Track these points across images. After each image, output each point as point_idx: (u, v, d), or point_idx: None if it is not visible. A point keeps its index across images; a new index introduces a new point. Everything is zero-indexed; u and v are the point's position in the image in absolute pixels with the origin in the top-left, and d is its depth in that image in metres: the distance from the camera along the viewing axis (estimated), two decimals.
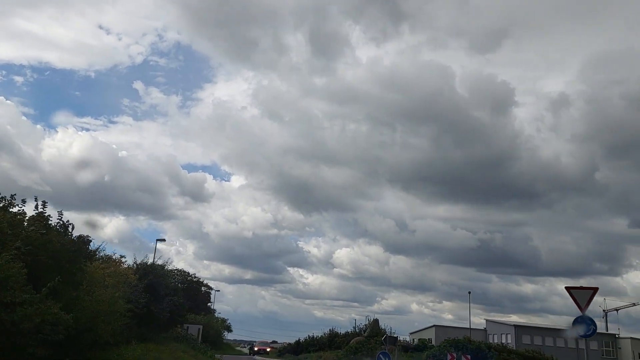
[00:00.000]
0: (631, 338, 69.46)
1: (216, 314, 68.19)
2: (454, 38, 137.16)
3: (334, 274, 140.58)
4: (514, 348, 40.35)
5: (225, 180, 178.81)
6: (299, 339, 48.80)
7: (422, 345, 38.28)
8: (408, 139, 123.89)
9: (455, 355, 31.30)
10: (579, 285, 13.61)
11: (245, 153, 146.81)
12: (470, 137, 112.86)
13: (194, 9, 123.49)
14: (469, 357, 30.51)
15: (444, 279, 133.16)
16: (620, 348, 70.21)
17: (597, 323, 14.30)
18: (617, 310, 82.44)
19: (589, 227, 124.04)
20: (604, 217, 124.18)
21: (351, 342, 37.09)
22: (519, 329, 69.65)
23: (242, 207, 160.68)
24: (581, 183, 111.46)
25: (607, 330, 76.56)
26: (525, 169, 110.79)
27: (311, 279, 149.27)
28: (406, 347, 37.75)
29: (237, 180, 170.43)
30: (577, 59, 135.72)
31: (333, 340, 41.14)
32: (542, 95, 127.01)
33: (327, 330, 43.80)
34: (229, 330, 75.37)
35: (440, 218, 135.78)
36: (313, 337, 44.27)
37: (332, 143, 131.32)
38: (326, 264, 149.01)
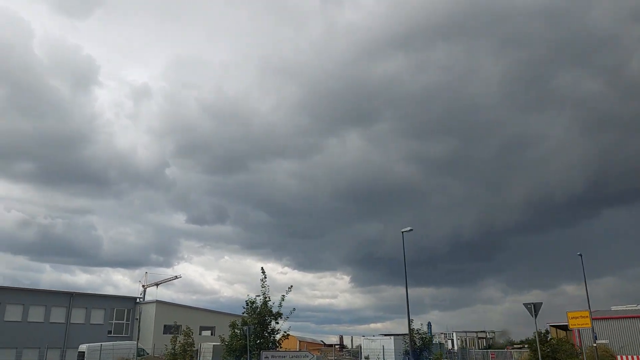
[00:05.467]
0: (157, 301, 45.63)
1: None
2: None
3: None
4: None
5: None
6: None
7: None
8: None
9: None
10: None
11: None
12: (43, 108, 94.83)
13: None
14: None
15: None
16: (137, 319, 45.19)
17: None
18: (157, 284, 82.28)
19: (152, 220, 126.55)
20: (167, 211, 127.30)
21: None
22: None
23: None
24: (152, 177, 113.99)
25: None
26: (100, 154, 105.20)
27: None
28: None
29: None
30: (163, 55, 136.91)
31: None
32: (126, 82, 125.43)
33: None
34: None
35: None
36: None
37: None
38: None
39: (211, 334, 49.72)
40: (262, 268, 24.82)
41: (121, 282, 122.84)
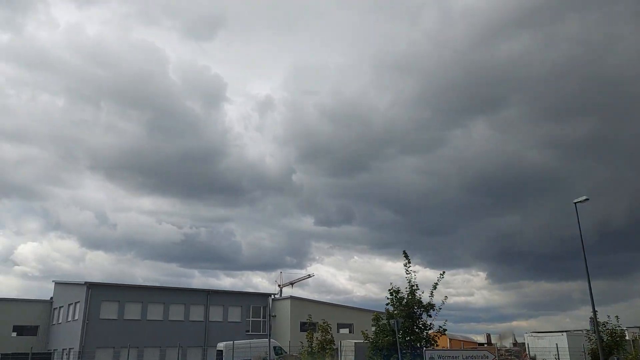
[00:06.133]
0: (291, 297, 44.03)
1: None
2: (167, 16, 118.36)
3: (15, 272, 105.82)
4: None
5: None
6: None
7: None
8: (115, 122, 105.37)
9: None
10: None
11: None
12: (181, 128, 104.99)
13: None
14: None
15: (145, 275, 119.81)
16: (274, 316, 43.71)
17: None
18: (292, 284, 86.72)
19: (283, 224, 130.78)
20: (296, 215, 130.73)
21: None
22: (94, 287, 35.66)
23: None
24: (281, 183, 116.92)
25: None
26: (233, 166, 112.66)
27: None
28: None
29: None
30: (281, 66, 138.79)
31: None
32: (251, 96, 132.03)
33: None
34: None
35: (145, 211, 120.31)
36: None
37: (16, 115, 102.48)
38: (5, 262, 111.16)
39: (349, 332, 46.80)
40: (404, 252, 20.88)
41: (260, 284, 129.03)
